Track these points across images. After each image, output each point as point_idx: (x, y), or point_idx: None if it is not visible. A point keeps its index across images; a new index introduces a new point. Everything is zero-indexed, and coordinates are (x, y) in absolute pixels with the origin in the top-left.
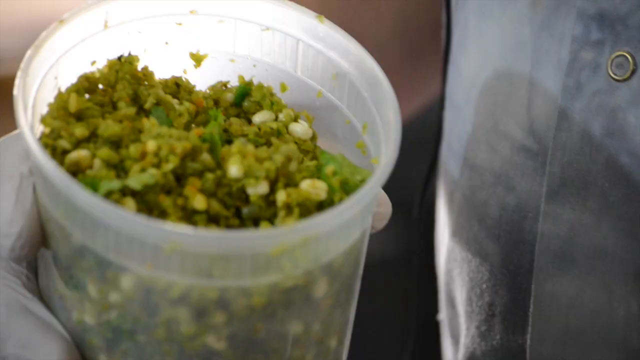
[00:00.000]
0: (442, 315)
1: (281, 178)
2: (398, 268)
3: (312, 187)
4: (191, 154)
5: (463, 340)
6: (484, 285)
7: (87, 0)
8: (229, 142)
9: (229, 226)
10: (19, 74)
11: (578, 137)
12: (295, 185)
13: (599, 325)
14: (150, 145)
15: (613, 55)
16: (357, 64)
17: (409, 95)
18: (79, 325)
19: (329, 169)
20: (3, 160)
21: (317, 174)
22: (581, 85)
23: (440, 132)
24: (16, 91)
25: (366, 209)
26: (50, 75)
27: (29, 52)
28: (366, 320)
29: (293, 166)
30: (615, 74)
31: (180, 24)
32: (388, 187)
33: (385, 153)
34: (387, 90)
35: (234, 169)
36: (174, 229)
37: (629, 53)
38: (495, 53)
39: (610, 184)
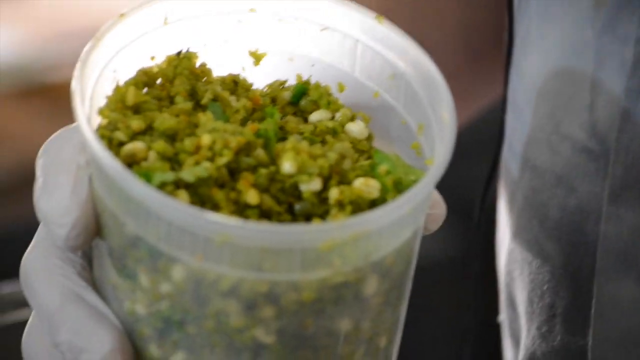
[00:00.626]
0: (503, 317)
1: (334, 175)
2: (458, 270)
3: (365, 185)
4: (245, 149)
5: (524, 341)
6: (545, 287)
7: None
8: (285, 139)
9: (281, 222)
10: (77, 65)
11: None
12: (349, 183)
13: None
14: (205, 139)
15: None
16: (414, 64)
17: (471, 99)
18: (131, 315)
19: (382, 168)
20: (60, 151)
21: (371, 172)
22: None
23: (501, 134)
24: (74, 83)
25: (418, 207)
26: (108, 68)
27: (88, 45)
28: (424, 322)
29: (347, 164)
30: None
31: (240, 21)
32: (448, 189)
33: (439, 153)
34: (443, 91)
35: (287, 165)
36: (225, 221)
37: None
38: (557, 54)
39: None
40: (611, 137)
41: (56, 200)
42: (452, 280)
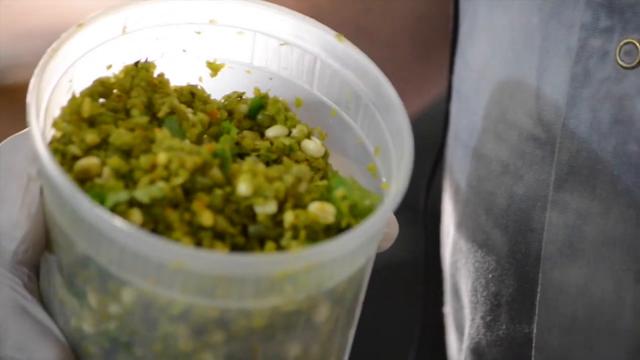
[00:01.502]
0: (448, 308)
1: (290, 199)
2: (404, 261)
3: (321, 210)
4: (201, 169)
5: (468, 331)
6: (490, 275)
7: (104, 5)
8: (241, 155)
9: (234, 244)
10: (33, 77)
11: (586, 125)
12: (304, 206)
13: (606, 314)
14: (161, 157)
15: (622, 43)
16: (373, 87)
17: (421, 90)
18: (77, 332)
19: (339, 192)
20: (11, 160)
21: (327, 195)
22: (589, 73)
23: (446, 124)
24: (29, 96)
25: (373, 237)
26: (65, 78)
27: (45, 56)
28: (372, 313)
29: (303, 187)
30: (623, 62)
31: (199, 32)
32: None
33: (396, 181)
34: (402, 118)
35: (243, 187)
36: (179, 249)
37: (637, 40)
38: (504, 42)
39: (619, 172)
40: (557, 123)
41: (6, 213)
42: (401, 272)
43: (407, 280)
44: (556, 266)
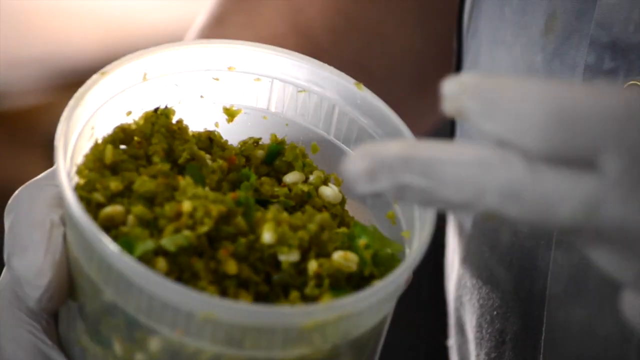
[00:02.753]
0: (452, 342)
1: (313, 247)
2: (408, 293)
3: (344, 259)
4: (225, 217)
5: None
6: (495, 312)
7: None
8: (259, 201)
9: (258, 292)
10: (60, 122)
11: None
12: (327, 254)
13: (611, 354)
14: (186, 206)
15: (626, 84)
16: (393, 135)
17: (416, 125)
18: None
19: (361, 241)
20: (32, 207)
21: (348, 243)
22: None
23: None
24: (58, 141)
25: (399, 287)
26: (88, 125)
27: (70, 103)
28: None
29: (325, 235)
30: None
31: (217, 79)
32: None
33: (420, 230)
34: None
35: (267, 236)
36: (210, 299)
37: None
38: None
39: None
40: None
41: (29, 260)
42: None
43: (411, 311)
44: (561, 305)
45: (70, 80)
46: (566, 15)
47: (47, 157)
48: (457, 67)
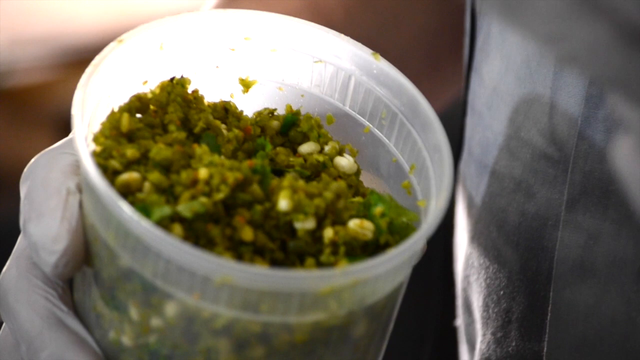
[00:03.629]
0: (459, 321)
1: (329, 215)
2: (417, 274)
3: (360, 227)
4: (241, 185)
5: (479, 346)
6: (502, 292)
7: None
8: (274, 171)
9: (273, 259)
10: (77, 90)
11: (600, 146)
12: (342, 222)
13: (616, 335)
14: (203, 173)
15: None
16: (409, 104)
17: (431, 103)
18: (115, 345)
19: (377, 209)
20: (48, 174)
21: (364, 211)
22: (604, 94)
23: (461, 139)
24: (75, 109)
25: (415, 254)
26: (104, 93)
27: (87, 70)
28: None
29: (341, 203)
30: None
31: (233, 49)
32: None
33: (437, 199)
34: (441, 136)
35: (283, 203)
36: (228, 263)
37: None
38: (517, 60)
39: (632, 193)
40: (570, 143)
41: (45, 226)
42: (415, 284)
43: (421, 291)
44: (567, 285)
45: (76, 58)
46: None
47: (53, 134)
48: (471, 48)
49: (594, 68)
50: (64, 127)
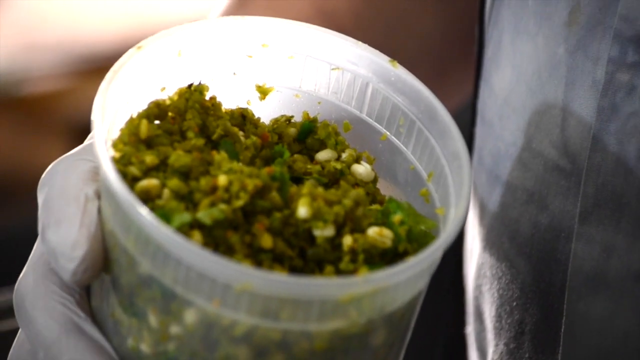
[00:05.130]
0: (470, 329)
1: (348, 222)
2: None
3: (379, 235)
4: (261, 192)
5: (491, 355)
6: (514, 303)
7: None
8: (292, 178)
9: (292, 266)
10: (98, 95)
11: (613, 158)
12: (361, 230)
13: (631, 348)
14: (222, 180)
15: None
16: (427, 112)
17: None
18: (134, 352)
19: (396, 217)
20: (68, 181)
21: (383, 219)
22: (616, 106)
23: (471, 148)
24: (95, 114)
25: (434, 262)
26: (123, 100)
27: (107, 76)
28: None
29: (360, 211)
30: None
31: (250, 56)
32: None
33: (456, 207)
34: (459, 143)
35: (303, 210)
36: (248, 270)
37: None
38: (529, 71)
39: None
40: (583, 155)
41: (64, 233)
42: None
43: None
44: (581, 298)
45: (89, 66)
46: (590, 7)
47: (67, 142)
48: (479, 56)
49: None
50: (78, 135)
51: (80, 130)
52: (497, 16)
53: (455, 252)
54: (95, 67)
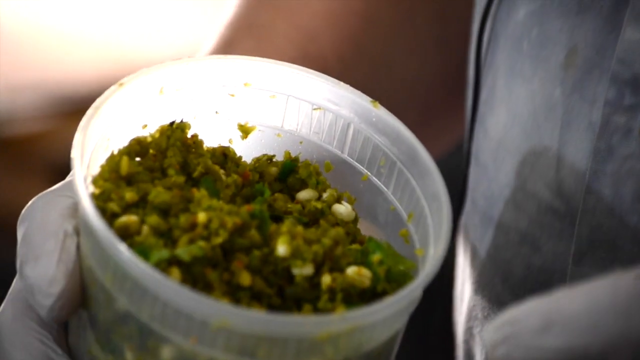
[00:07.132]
0: None
1: (327, 261)
2: (419, 322)
3: (358, 274)
4: (240, 229)
5: None
6: None
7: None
8: (273, 217)
9: (270, 304)
10: (77, 132)
11: (608, 200)
12: (340, 269)
13: None
14: (201, 217)
15: None
16: (408, 153)
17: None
18: None
19: (375, 257)
20: (46, 216)
21: (362, 259)
22: (613, 148)
23: (464, 190)
24: (75, 151)
25: (413, 301)
26: (104, 136)
27: (88, 112)
28: None
29: (339, 250)
30: None
31: (232, 95)
32: None
33: (435, 247)
34: (439, 184)
35: (282, 249)
36: (225, 307)
37: None
38: (524, 113)
39: (639, 248)
40: (577, 197)
41: (42, 269)
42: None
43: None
44: None
45: (71, 107)
46: (587, 50)
47: (47, 183)
48: (475, 99)
49: None
50: (59, 175)
51: (62, 171)
52: (491, 59)
53: (444, 297)
54: (77, 108)
